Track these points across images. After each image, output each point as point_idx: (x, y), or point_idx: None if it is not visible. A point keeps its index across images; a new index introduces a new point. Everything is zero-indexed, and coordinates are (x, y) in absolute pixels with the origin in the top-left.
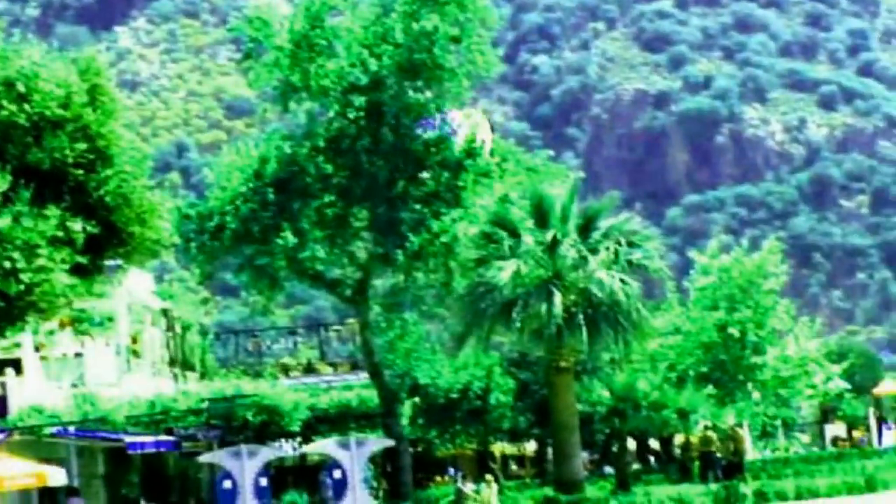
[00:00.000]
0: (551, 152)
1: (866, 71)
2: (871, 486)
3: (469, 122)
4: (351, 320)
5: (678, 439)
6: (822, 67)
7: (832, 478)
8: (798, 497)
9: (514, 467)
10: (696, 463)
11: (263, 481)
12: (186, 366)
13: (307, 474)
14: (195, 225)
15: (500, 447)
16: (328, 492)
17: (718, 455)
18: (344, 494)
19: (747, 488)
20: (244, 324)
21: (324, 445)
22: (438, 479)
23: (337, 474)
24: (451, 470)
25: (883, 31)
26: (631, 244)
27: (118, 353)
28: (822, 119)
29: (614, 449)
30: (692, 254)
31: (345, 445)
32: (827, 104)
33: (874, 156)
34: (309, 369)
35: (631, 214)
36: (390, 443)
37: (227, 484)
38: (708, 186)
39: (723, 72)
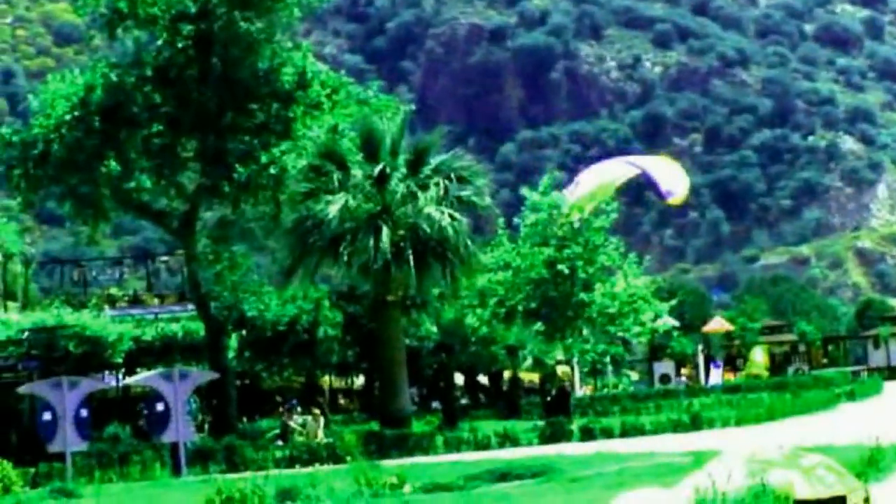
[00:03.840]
0: (382, 83)
1: (701, 10)
2: (696, 423)
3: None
4: (180, 252)
5: (508, 374)
6: (657, 5)
7: (658, 415)
8: (623, 434)
9: (342, 401)
10: (549, 398)
11: (84, 413)
12: (8, 295)
13: (130, 406)
14: (18, 152)
15: (328, 381)
16: (151, 424)
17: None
18: (166, 427)
19: (573, 424)
20: (70, 254)
21: (146, 378)
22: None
23: (159, 406)
24: (294, 401)
25: None
26: (461, 180)
27: None
28: (657, 57)
29: (442, 384)
30: (524, 190)
31: (167, 377)
32: (661, 42)
33: (707, 95)
34: (135, 300)
35: (461, 150)
36: (214, 375)
37: (47, 416)
38: (542, 122)
39: (559, 8)
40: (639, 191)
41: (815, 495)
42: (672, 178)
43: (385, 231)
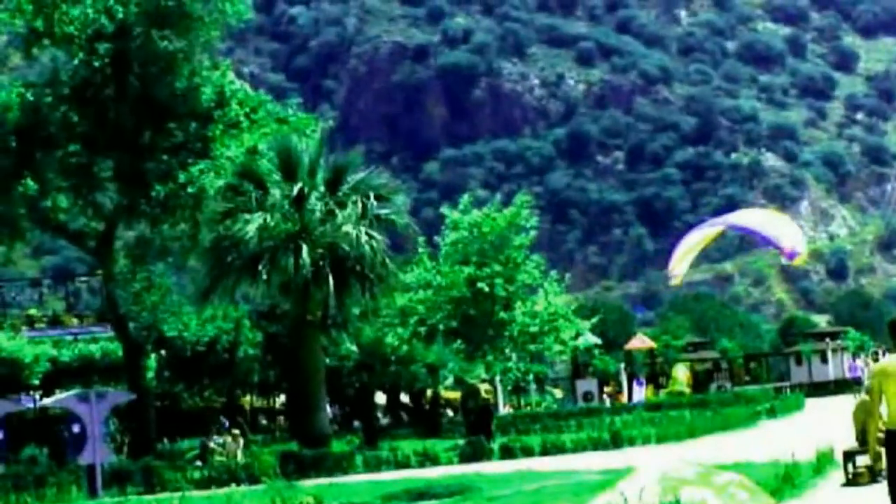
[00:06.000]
0: (301, 100)
1: (624, 28)
2: (616, 441)
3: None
4: (100, 272)
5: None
6: (580, 23)
7: (579, 433)
8: (544, 452)
9: (263, 421)
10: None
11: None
12: None
13: (48, 428)
14: None
15: (249, 400)
16: (68, 445)
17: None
18: (83, 448)
19: (494, 443)
20: None
21: (63, 399)
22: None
23: (76, 428)
24: (226, 422)
25: None
26: (379, 198)
27: None
28: (580, 75)
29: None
30: (444, 209)
31: (84, 399)
32: (585, 60)
33: (630, 112)
34: (55, 321)
35: (382, 169)
36: (131, 396)
37: None
38: (466, 141)
39: (481, 26)
40: (562, 208)
41: None
42: (792, 236)
43: (304, 250)
